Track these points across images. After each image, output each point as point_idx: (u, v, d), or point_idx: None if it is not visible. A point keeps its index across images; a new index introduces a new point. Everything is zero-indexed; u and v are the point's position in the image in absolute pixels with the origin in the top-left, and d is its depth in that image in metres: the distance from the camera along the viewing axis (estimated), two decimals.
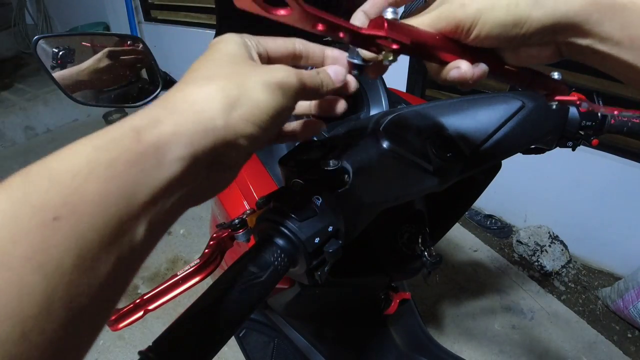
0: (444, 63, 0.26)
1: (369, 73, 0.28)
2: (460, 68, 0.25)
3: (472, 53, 0.25)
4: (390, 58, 0.24)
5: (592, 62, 0.25)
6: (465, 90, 1.68)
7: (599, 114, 0.52)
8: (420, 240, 0.56)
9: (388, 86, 0.62)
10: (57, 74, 0.60)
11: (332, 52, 0.29)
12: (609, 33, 0.22)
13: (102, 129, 0.17)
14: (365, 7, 0.29)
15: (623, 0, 0.21)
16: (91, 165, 0.16)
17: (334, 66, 0.28)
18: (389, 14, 0.23)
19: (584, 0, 0.21)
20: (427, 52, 0.25)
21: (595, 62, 0.24)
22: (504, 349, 1.35)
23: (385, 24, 0.23)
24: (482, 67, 0.26)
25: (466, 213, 1.81)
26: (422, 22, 0.25)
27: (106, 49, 0.61)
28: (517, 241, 1.68)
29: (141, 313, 0.29)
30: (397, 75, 1.74)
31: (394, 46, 0.23)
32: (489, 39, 0.24)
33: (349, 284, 0.55)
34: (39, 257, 0.14)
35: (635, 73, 0.22)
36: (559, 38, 0.24)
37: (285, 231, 0.28)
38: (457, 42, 0.25)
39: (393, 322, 0.79)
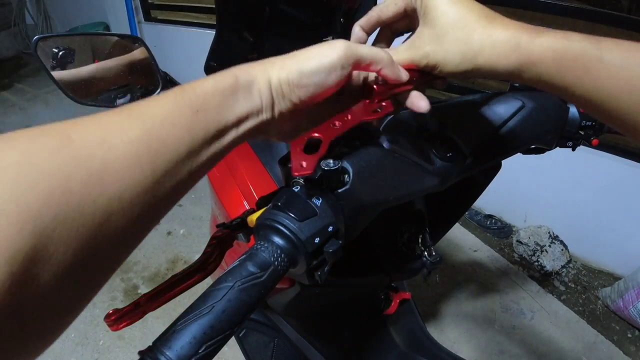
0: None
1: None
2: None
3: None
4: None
5: None
6: (466, 90, 1.68)
7: None
8: (420, 241, 0.56)
9: None
10: (57, 74, 0.60)
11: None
12: (530, 79, 0.30)
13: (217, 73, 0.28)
14: (361, 22, 0.36)
15: (534, 59, 0.28)
16: (215, 87, 0.26)
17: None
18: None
19: (511, 60, 0.29)
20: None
21: None
22: (504, 349, 1.35)
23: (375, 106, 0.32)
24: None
25: (466, 213, 1.81)
26: (402, 59, 0.33)
27: (106, 50, 0.61)
28: (517, 241, 1.68)
29: (141, 313, 0.29)
30: None
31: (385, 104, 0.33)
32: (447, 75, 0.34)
33: (349, 284, 0.55)
34: (188, 135, 0.24)
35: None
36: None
37: (285, 231, 0.28)
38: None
39: (393, 322, 0.79)
